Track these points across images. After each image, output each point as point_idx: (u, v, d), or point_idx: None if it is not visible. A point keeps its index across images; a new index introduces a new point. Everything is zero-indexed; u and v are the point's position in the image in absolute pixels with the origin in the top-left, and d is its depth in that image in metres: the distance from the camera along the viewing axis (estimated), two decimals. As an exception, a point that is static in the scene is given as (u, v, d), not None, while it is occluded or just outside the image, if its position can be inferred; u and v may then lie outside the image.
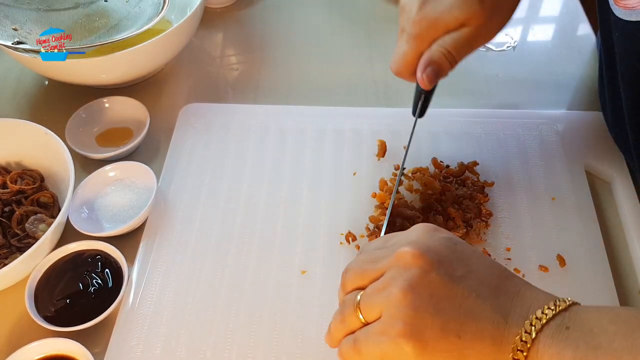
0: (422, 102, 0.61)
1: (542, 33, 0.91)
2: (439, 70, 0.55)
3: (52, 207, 0.67)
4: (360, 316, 0.44)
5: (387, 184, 0.68)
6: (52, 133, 0.68)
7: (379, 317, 0.42)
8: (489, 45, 0.88)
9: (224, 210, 0.68)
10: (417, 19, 0.55)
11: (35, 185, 0.68)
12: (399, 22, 0.59)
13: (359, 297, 0.44)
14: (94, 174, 0.69)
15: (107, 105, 0.78)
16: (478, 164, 0.70)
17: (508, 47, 0.88)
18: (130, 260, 0.63)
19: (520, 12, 0.93)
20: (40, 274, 0.61)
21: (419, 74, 0.56)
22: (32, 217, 0.65)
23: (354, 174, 0.70)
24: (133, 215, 0.66)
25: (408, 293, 0.41)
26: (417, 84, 0.59)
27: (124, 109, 0.78)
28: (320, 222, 0.66)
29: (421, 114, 0.62)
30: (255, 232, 0.66)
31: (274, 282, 0.62)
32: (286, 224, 0.66)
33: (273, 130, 0.76)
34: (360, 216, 0.66)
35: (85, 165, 0.73)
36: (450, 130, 0.74)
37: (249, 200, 0.69)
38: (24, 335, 0.58)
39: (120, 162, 0.71)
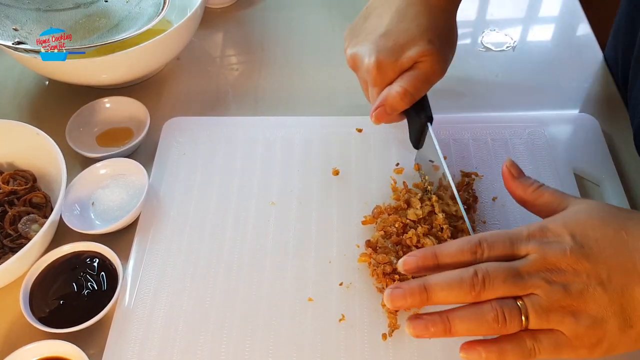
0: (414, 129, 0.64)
1: (541, 33, 0.91)
2: (391, 110, 0.59)
3: (44, 208, 0.67)
4: (523, 319, 0.44)
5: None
6: (44, 133, 0.68)
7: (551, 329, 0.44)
8: (488, 45, 0.88)
9: (216, 206, 0.68)
10: (371, 66, 0.58)
11: (27, 186, 0.68)
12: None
13: (527, 303, 0.44)
14: (85, 171, 0.69)
15: (107, 105, 0.78)
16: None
17: (507, 47, 0.88)
18: (124, 257, 0.63)
19: (519, 12, 0.95)
20: (36, 275, 0.61)
21: (371, 112, 0.60)
22: (24, 218, 0.65)
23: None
24: (125, 213, 0.66)
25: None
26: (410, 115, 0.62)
27: (124, 109, 0.78)
28: (312, 221, 0.66)
29: (415, 141, 0.65)
30: (248, 228, 0.66)
31: (268, 277, 0.62)
32: (278, 222, 0.66)
33: (262, 136, 0.75)
34: (353, 223, 0.66)
35: (85, 166, 0.72)
36: (437, 137, 0.73)
37: (240, 196, 0.69)
38: (20, 337, 0.59)
39: (112, 159, 0.71)
